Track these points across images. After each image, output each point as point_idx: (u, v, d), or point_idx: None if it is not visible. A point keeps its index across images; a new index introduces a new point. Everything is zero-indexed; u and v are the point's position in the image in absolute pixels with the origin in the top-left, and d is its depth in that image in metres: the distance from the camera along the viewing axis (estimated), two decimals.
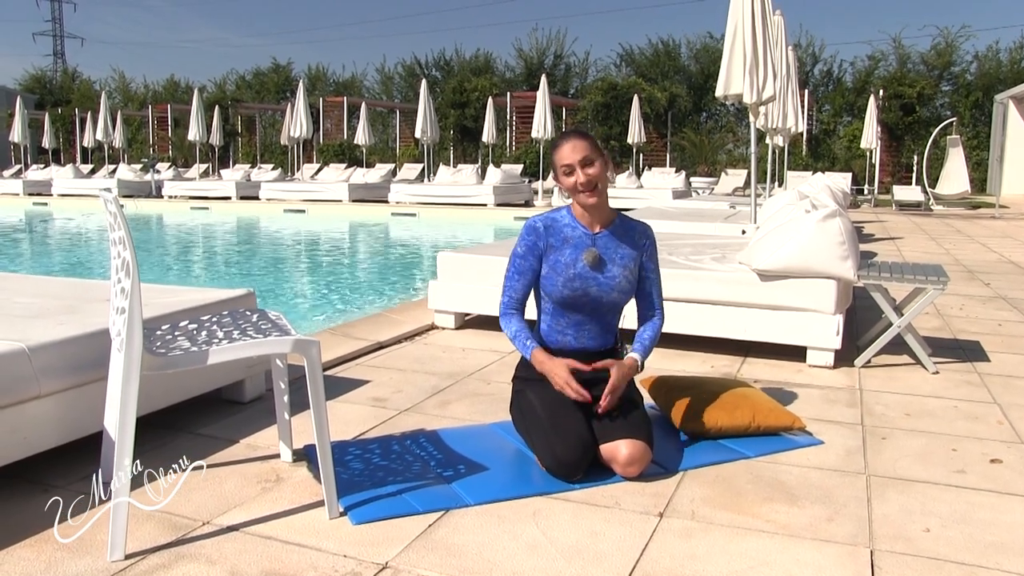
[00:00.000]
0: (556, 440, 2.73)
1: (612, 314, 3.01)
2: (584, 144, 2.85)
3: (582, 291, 2.91)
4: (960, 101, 28.54)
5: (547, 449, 2.75)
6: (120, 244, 2.31)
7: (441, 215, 18.25)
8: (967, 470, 2.91)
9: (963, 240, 12.19)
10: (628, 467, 2.74)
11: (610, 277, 2.93)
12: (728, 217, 9.16)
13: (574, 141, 2.86)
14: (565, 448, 2.71)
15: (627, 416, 2.85)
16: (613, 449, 2.77)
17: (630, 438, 2.76)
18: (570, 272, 2.91)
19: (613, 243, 2.97)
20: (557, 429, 2.75)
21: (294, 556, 2.21)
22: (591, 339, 2.98)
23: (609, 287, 2.92)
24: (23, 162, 31.92)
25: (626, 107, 26.94)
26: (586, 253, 2.91)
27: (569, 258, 2.92)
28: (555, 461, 2.72)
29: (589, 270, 2.91)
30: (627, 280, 2.96)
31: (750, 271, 4.46)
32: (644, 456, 2.77)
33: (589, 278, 2.91)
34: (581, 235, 2.95)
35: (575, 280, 2.90)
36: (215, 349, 2.34)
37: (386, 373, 4.13)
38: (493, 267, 5.00)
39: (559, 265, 2.92)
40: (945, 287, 4.30)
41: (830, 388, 3.96)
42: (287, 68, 39.46)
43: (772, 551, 2.28)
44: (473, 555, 2.23)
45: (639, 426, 2.82)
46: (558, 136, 2.95)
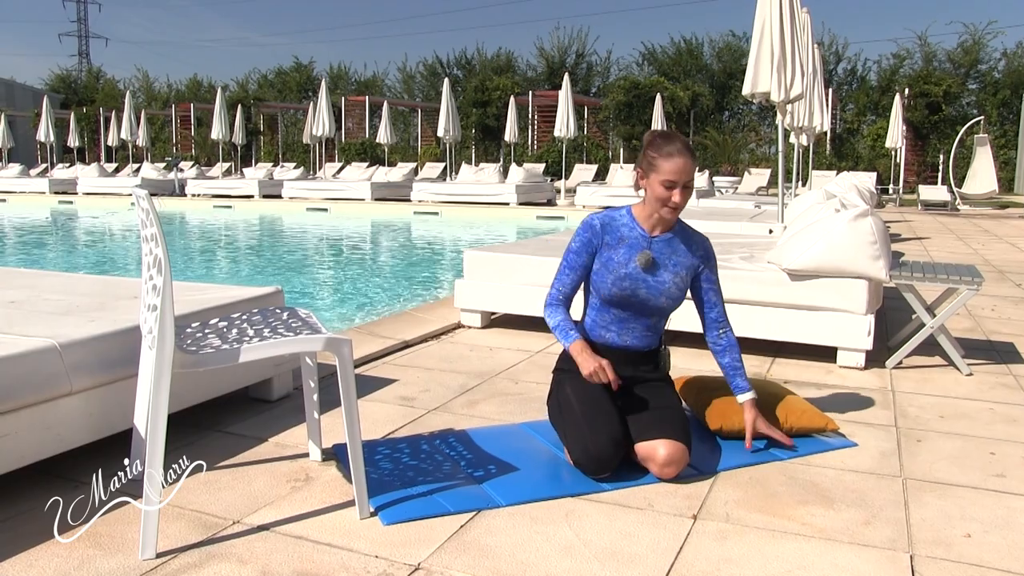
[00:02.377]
0: (588, 434, 2.70)
1: (658, 317, 2.98)
2: (692, 167, 2.81)
3: (631, 291, 2.88)
4: (987, 99, 28.21)
5: (579, 442, 2.73)
6: (152, 241, 2.30)
7: (463, 214, 18.25)
8: (1007, 474, 2.85)
9: (991, 240, 12.03)
10: (665, 467, 2.71)
11: (660, 281, 2.89)
12: (754, 216, 9.09)
13: (687, 160, 2.79)
14: (596, 443, 2.68)
15: (666, 415, 2.82)
16: (651, 449, 2.73)
17: (669, 439, 2.73)
18: (621, 271, 2.88)
19: (669, 249, 2.93)
20: (591, 423, 2.73)
21: (325, 556, 2.20)
22: (634, 338, 2.96)
23: (658, 291, 2.89)
24: (49, 161, 32.29)
25: (648, 106, 26.83)
26: (640, 255, 2.88)
27: (623, 257, 2.89)
28: (585, 455, 2.69)
29: (641, 272, 2.88)
30: (677, 287, 2.93)
31: (779, 271, 4.40)
32: (683, 458, 2.74)
33: (639, 280, 2.88)
34: (638, 236, 2.92)
35: (625, 280, 2.88)
36: (247, 347, 2.33)
37: (413, 372, 4.11)
38: (520, 265, 4.98)
39: (611, 263, 2.90)
40: (979, 288, 4.23)
41: (861, 389, 3.90)
42: (309, 67, 39.66)
43: (809, 555, 2.24)
44: (506, 556, 2.21)
45: (678, 427, 2.79)
46: (667, 140, 2.83)
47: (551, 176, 23.58)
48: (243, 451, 2.98)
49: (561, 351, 3.02)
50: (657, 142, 2.84)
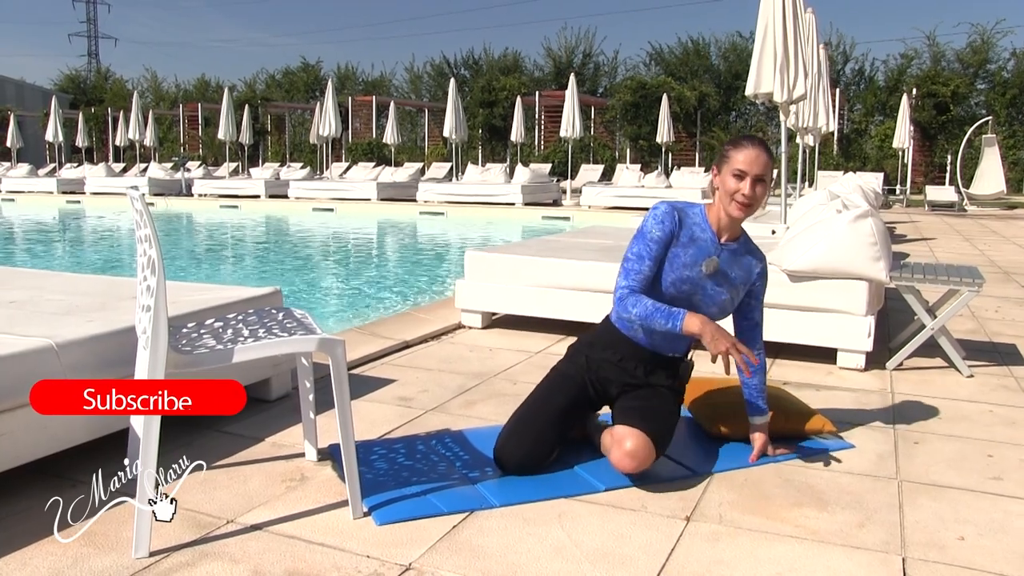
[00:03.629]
0: (509, 433, 2.78)
1: None
2: (767, 161, 2.71)
3: (687, 295, 2.78)
4: (996, 99, 28.04)
5: (500, 435, 2.80)
6: (146, 242, 2.31)
7: (469, 214, 18.25)
8: (1004, 477, 2.84)
9: (998, 241, 11.99)
10: (625, 457, 2.62)
11: (718, 292, 2.80)
12: (758, 217, 9.05)
13: (760, 151, 2.71)
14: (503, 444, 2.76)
15: (650, 414, 2.73)
16: (621, 435, 2.66)
17: (643, 432, 2.64)
18: (684, 273, 2.76)
19: (733, 260, 2.84)
20: (514, 425, 2.79)
21: (317, 556, 2.21)
22: (664, 340, 2.83)
23: (712, 301, 2.80)
24: (57, 161, 32.42)
25: (655, 106, 26.79)
26: (708, 261, 2.77)
27: (690, 259, 2.76)
28: (496, 450, 2.78)
29: (704, 278, 2.78)
30: (731, 300, 2.84)
31: (780, 272, 4.40)
32: (647, 457, 2.63)
33: (699, 285, 2.78)
34: (709, 239, 2.80)
35: (686, 283, 2.77)
36: (240, 348, 2.34)
37: (412, 372, 4.12)
38: (521, 266, 4.99)
39: (677, 261, 2.76)
40: (980, 289, 4.22)
41: (861, 391, 3.90)
42: (316, 67, 39.68)
43: (801, 557, 2.24)
44: (497, 557, 2.21)
45: (658, 429, 2.70)
46: (744, 136, 2.80)
47: (557, 176, 23.56)
48: (239, 451, 2.99)
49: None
50: (734, 139, 2.80)
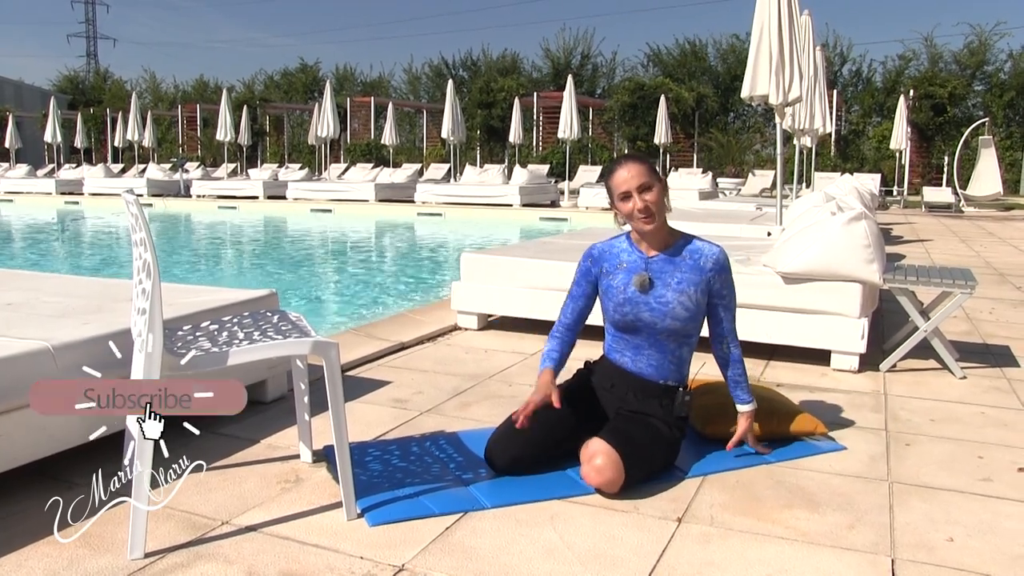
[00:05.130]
0: (502, 432, 2.82)
1: (673, 342, 2.88)
2: (641, 169, 2.77)
3: (633, 316, 2.85)
4: (993, 101, 28.10)
5: (493, 434, 2.86)
6: (141, 245, 2.33)
7: (467, 215, 18.26)
8: (994, 478, 2.86)
9: (994, 242, 12.02)
10: (593, 471, 2.63)
11: (663, 303, 2.82)
12: (754, 219, 9.09)
13: (630, 166, 2.78)
14: (499, 442, 2.80)
15: (632, 436, 2.73)
16: (594, 449, 2.66)
17: (617, 451, 2.62)
18: (620, 297, 2.87)
19: (670, 267, 2.86)
20: (503, 429, 2.83)
21: (311, 557, 2.22)
22: (649, 366, 2.90)
23: (662, 312, 2.82)
24: (56, 162, 32.41)
25: (653, 107, 26.84)
26: (636, 277, 2.85)
27: (620, 283, 2.88)
28: (487, 448, 2.83)
29: (639, 295, 2.84)
30: (683, 307, 2.82)
31: (775, 274, 4.42)
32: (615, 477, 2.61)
33: (640, 303, 2.84)
34: (636, 259, 2.90)
35: (625, 305, 2.86)
36: (235, 350, 2.36)
37: (408, 374, 4.14)
38: (517, 268, 5.01)
39: (611, 290, 2.90)
40: (972, 291, 4.24)
41: (854, 393, 3.92)
42: (315, 68, 39.72)
43: (791, 558, 2.26)
44: (489, 559, 2.23)
45: (635, 451, 2.67)
46: (612, 161, 2.88)
47: (555, 177, 23.57)
48: (235, 452, 3.01)
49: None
50: (608, 168, 2.89)
